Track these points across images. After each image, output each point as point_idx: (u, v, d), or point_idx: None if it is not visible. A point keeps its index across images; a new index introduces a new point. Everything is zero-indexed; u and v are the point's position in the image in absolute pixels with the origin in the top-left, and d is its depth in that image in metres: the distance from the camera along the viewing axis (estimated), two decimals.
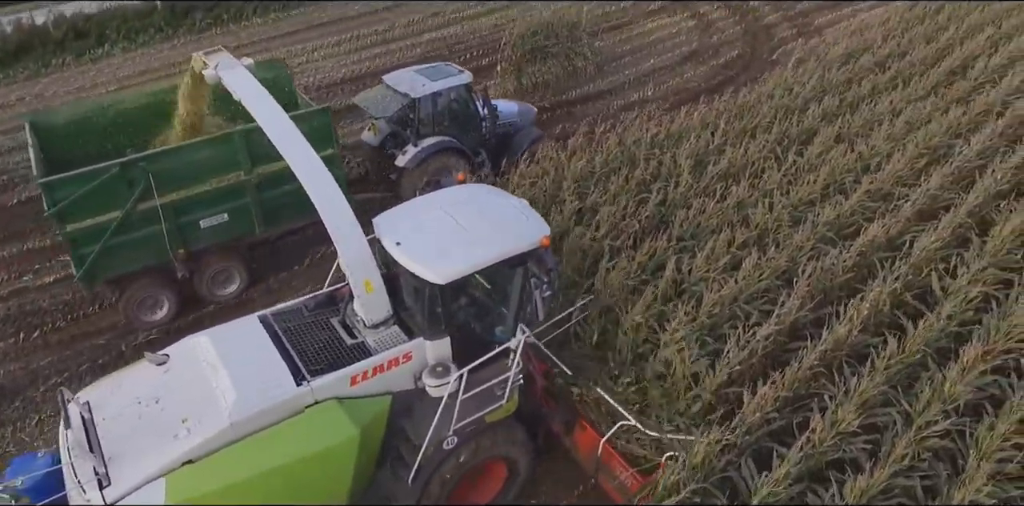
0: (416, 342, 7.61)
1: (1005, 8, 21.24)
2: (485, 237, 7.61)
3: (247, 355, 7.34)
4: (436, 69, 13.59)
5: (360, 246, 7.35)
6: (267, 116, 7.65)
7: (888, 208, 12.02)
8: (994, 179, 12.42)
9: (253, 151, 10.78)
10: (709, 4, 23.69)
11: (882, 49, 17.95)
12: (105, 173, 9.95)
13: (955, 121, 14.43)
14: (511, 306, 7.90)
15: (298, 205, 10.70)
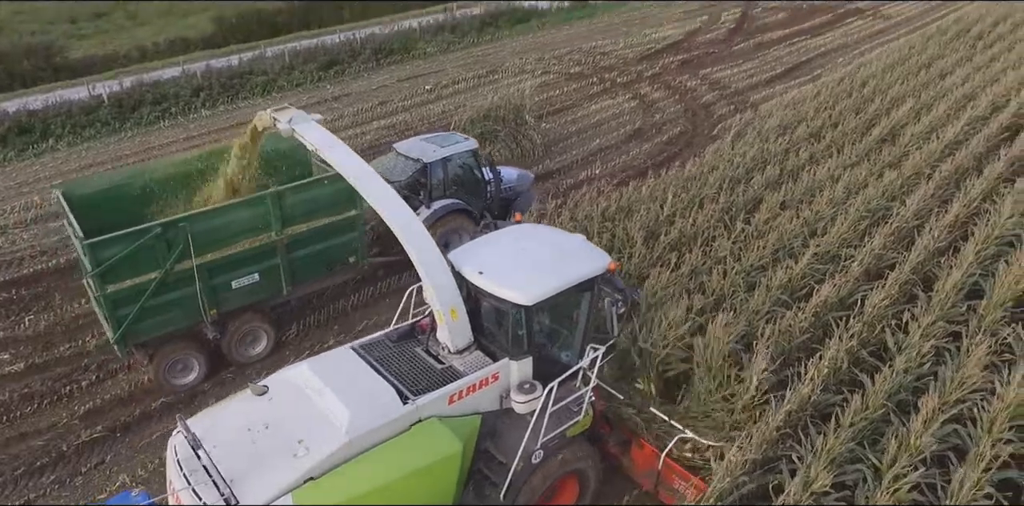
0: (501, 363, 8.19)
1: (922, 82, 22.66)
2: (559, 264, 8.29)
3: (350, 379, 7.80)
4: (443, 137, 14.33)
5: (447, 277, 7.98)
6: (345, 162, 8.25)
7: (837, 269, 12.31)
8: (932, 237, 12.88)
9: (284, 212, 11.20)
10: (649, 85, 24.83)
11: (815, 120, 18.88)
12: (148, 233, 10.16)
13: (890, 184, 15.06)
14: (579, 329, 8.57)
15: (323, 265, 12.01)
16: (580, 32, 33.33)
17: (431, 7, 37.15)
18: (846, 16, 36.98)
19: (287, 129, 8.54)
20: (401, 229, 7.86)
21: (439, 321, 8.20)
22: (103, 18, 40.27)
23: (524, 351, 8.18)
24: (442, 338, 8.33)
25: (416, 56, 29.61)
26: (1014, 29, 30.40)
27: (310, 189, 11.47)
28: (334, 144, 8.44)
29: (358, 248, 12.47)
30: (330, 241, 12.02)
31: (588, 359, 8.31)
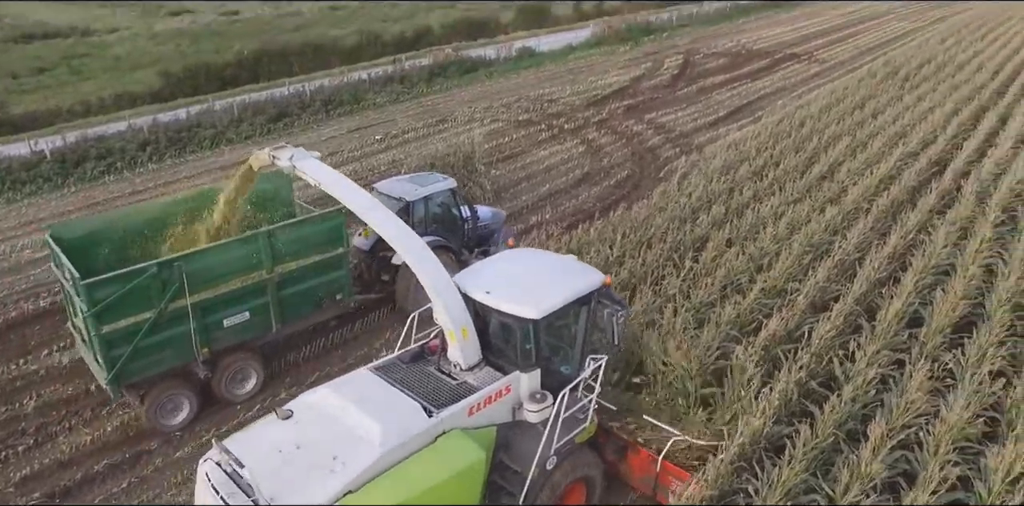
0: (512, 376, 8.64)
1: (857, 121, 23.57)
2: (559, 281, 8.91)
3: (374, 397, 8.18)
4: (422, 177, 14.83)
5: (457, 298, 8.48)
6: (348, 194, 8.82)
7: (783, 303, 12.55)
8: (873, 268, 13.24)
9: (275, 250, 11.53)
10: (596, 130, 25.35)
11: (757, 160, 19.45)
12: (144, 273, 10.30)
13: (831, 219, 15.52)
14: (579, 343, 9.03)
15: (312, 302, 12.31)
16: (528, 81, 34.04)
17: (380, 59, 37.70)
18: (783, 60, 38.43)
19: (288, 166, 8.98)
20: (412, 256, 8.51)
21: (450, 340, 8.65)
22: (45, 73, 39.79)
23: (533, 363, 8.69)
24: (453, 357, 8.77)
25: (366, 107, 29.88)
26: (937, 71, 31.97)
27: (300, 228, 11.90)
28: (338, 179, 8.94)
29: (344, 285, 12.77)
30: (318, 278, 12.30)
31: (590, 370, 8.77)
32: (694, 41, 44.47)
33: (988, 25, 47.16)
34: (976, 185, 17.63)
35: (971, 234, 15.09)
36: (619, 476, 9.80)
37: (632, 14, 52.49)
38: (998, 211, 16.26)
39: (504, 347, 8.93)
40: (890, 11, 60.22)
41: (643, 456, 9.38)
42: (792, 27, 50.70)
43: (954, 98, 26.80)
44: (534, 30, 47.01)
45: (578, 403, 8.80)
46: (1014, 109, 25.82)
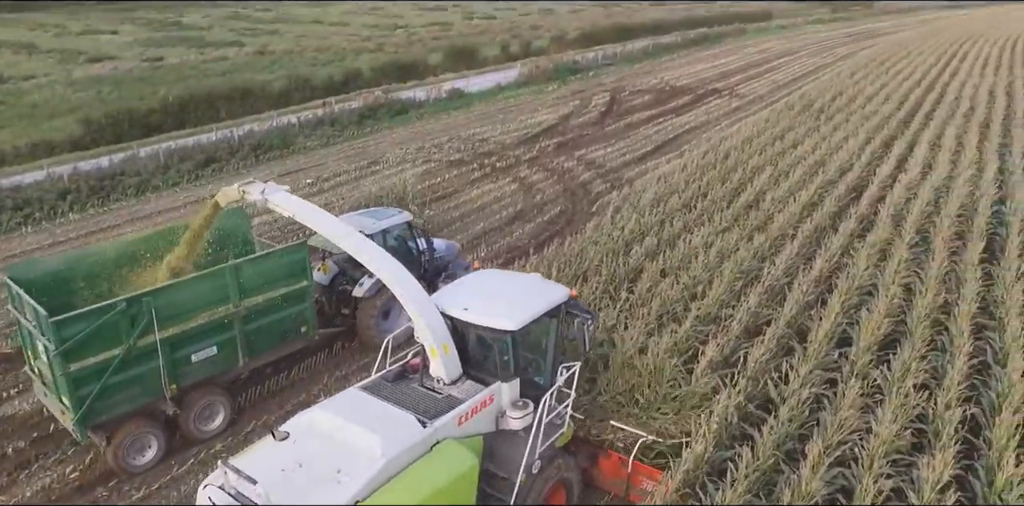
0: (494, 386, 9.09)
1: (778, 152, 24.48)
2: (530, 295, 9.50)
3: (368, 413, 8.50)
4: (378, 211, 15.18)
5: (437, 316, 8.93)
6: (323, 223, 9.38)
7: (719, 329, 12.78)
8: (801, 292, 13.64)
9: (242, 284, 11.62)
10: (528, 168, 25.68)
11: (686, 192, 19.95)
12: (113, 309, 10.24)
13: (759, 246, 16.00)
14: (551, 353, 9.60)
15: (277, 336, 12.42)
16: (458, 121, 34.39)
17: (310, 103, 37.58)
18: (705, 96, 39.86)
19: (261, 200, 9.36)
20: (391, 278, 9.02)
21: (433, 357, 9.00)
22: None
23: (512, 373, 9.17)
24: (436, 373, 9.13)
25: (296, 151, 29.64)
26: (848, 103, 33.59)
27: (264, 261, 12.10)
28: (312, 209, 9.53)
29: (309, 318, 12.93)
30: (283, 312, 12.44)
31: (563, 378, 9.27)
32: (620, 79, 45.79)
33: (891, 60, 49.94)
34: (891, 209, 18.45)
35: (889, 255, 15.75)
36: (592, 481, 10.15)
37: (559, 54, 53.79)
38: (912, 233, 17.04)
39: (483, 360, 9.41)
40: (802, 48, 63.29)
41: (614, 459, 9.86)
42: (712, 64, 52.75)
43: (866, 128, 28.16)
44: (463, 71, 47.66)
45: (555, 409, 9.23)
46: (919, 136, 27.28)
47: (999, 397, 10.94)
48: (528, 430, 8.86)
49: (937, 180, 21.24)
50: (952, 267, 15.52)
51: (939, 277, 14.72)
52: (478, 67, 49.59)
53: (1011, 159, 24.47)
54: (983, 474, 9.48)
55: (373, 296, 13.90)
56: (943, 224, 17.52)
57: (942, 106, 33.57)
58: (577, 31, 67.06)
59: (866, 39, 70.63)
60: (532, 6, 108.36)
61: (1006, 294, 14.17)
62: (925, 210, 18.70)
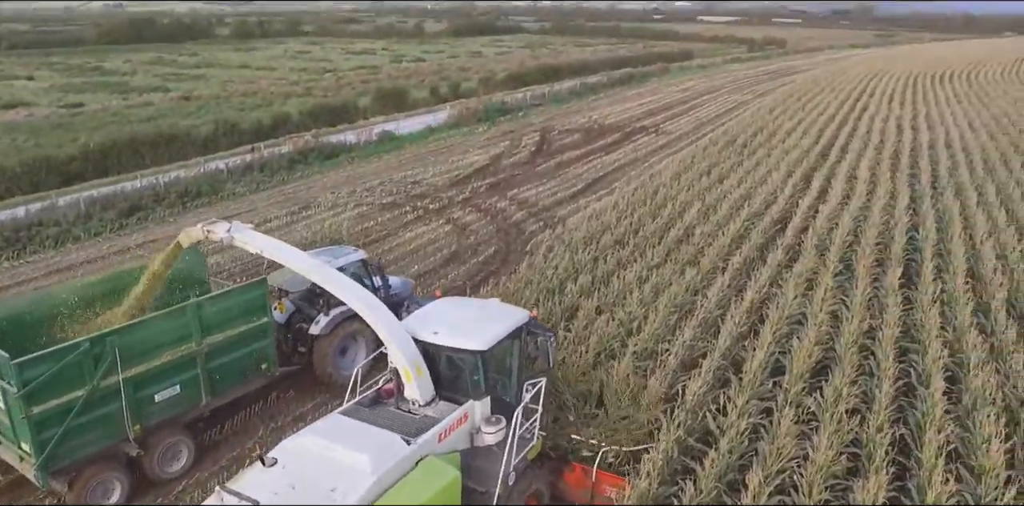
0: (467, 405, 9.63)
1: (705, 187, 25.18)
2: (494, 318, 10.23)
3: (354, 434, 8.88)
4: (333, 249, 15.48)
5: (409, 341, 9.46)
6: (292, 257, 9.97)
7: (656, 364, 12.90)
8: (734, 323, 13.91)
9: (203, 322, 11.74)
10: (461, 209, 25.77)
11: (618, 228, 20.29)
12: (76, 349, 10.22)
13: (691, 280, 16.31)
14: (516, 372, 10.24)
15: (239, 373, 12.49)
16: (390, 164, 34.38)
17: (238, 148, 37.08)
18: (633, 134, 40.88)
19: (227, 238, 9.79)
20: (362, 306, 9.58)
21: (407, 380, 9.47)
22: None
23: (483, 392, 9.74)
24: (411, 395, 9.60)
25: (225, 197, 29.09)
26: (769, 138, 34.91)
27: (225, 299, 12.22)
28: (279, 245, 10.12)
29: (269, 355, 13.08)
30: (244, 349, 12.56)
31: (530, 394, 9.90)
32: (549, 119, 46.65)
33: (806, 96, 52.24)
34: (814, 239, 19.11)
35: (816, 284, 16.24)
36: (558, 494, 10.57)
37: (488, 96, 54.57)
38: (836, 261, 17.65)
39: (455, 381, 9.95)
40: (723, 86, 65.69)
41: (578, 471, 10.37)
42: (638, 103, 54.26)
43: (787, 161, 29.26)
44: (393, 114, 47.83)
45: (524, 424, 9.79)
46: (836, 169, 28.48)
47: (924, 417, 11.31)
48: (502, 445, 9.38)
49: (855, 210, 22.15)
50: (874, 293, 16.11)
51: (863, 303, 15.25)
52: (408, 110, 49.86)
53: (920, 188, 25.70)
54: (915, 494, 9.73)
55: (329, 334, 14.06)
56: (864, 252, 18.22)
57: (855, 139, 35.18)
58: (505, 72, 68.27)
59: (782, 77, 73.81)
60: (460, 49, 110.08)
61: (924, 317, 14.74)
62: (846, 239, 19.43)
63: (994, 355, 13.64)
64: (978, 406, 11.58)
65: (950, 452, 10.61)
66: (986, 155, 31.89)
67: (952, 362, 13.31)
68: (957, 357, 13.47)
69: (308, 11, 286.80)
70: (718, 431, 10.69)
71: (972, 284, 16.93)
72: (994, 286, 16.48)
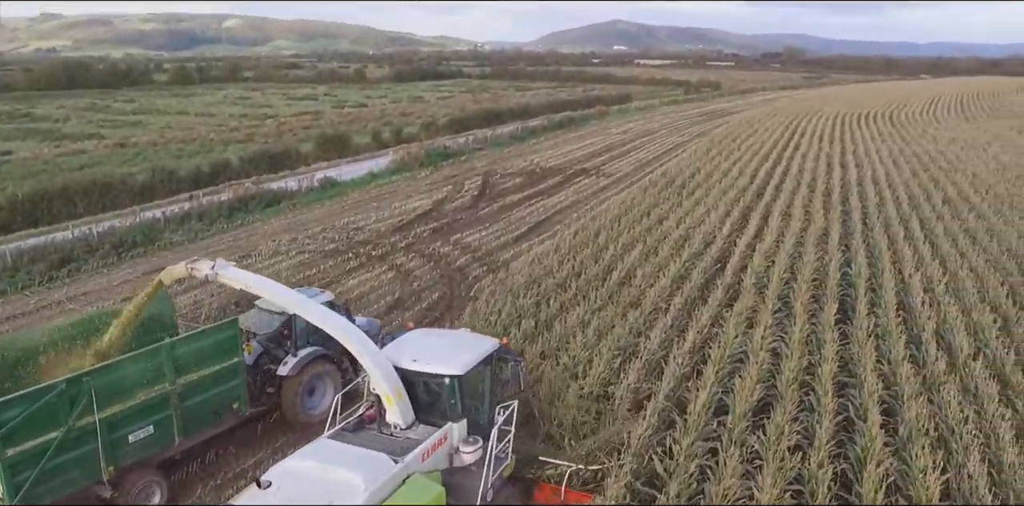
0: (446, 427, 10.30)
1: (645, 228, 25.59)
2: (467, 346, 10.97)
3: (344, 455, 9.40)
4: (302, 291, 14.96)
5: (390, 368, 10.09)
6: (275, 292, 10.63)
7: (603, 407, 12.90)
8: (677, 364, 14.03)
9: (177, 362, 11.89)
10: (404, 255, 25.65)
11: (560, 272, 20.40)
12: (52, 390, 10.29)
13: (634, 322, 16.42)
14: (487, 396, 10.93)
15: (211, 413, 12.64)
16: (332, 210, 34.15)
17: (176, 196, 36.41)
18: (574, 176, 41.47)
19: (213, 275, 10.24)
20: (347, 337, 10.18)
21: (388, 405, 10.08)
22: None
23: (460, 414, 10.43)
24: (392, 419, 10.22)
25: (162, 247, 28.41)
26: (707, 178, 35.81)
27: (198, 339, 12.38)
28: (262, 280, 10.69)
29: (241, 394, 13.21)
30: (217, 388, 12.69)
31: (502, 417, 10.61)
32: (491, 162, 47.09)
33: (741, 137, 53.95)
34: (753, 277, 19.53)
35: (756, 322, 16.54)
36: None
37: (430, 140, 54.93)
38: (774, 299, 18.03)
39: (433, 405, 10.53)
40: (661, 128, 67.42)
41: (547, 491, 10.87)
42: (578, 145, 55.21)
43: (724, 201, 30.02)
44: (335, 160, 47.70)
45: (499, 445, 10.37)
46: (772, 207, 29.30)
47: (863, 451, 11.51)
48: (479, 463, 10.06)
49: (790, 247, 22.76)
50: (812, 329, 16.46)
51: (801, 340, 15.57)
52: (350, 155, 49.78)
53: (851, 224, 26.59)
54: None
55: (298, 374, 14.23)
56: (800, 289, 18.66)
57: (788, 178, 36.38)
58: (447, 117, 68.91)
59: (718, 118, 76.15)
60: (402, 94, 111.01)
61: (860, 351, 15.11)
62: (783, 276, 19.90)
63: (926, 386, 14.03)
64: (913, 437, 11.87)
65: (889, 485, 10.80)
66: (910, 191, 33.29)
67: (888, 394, 13.65)
68: (892, 389, 13.82)
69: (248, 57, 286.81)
70: (666, 474, 10.68)
71: (904, 316, 17.47)
72: (923, 318, 17.03)
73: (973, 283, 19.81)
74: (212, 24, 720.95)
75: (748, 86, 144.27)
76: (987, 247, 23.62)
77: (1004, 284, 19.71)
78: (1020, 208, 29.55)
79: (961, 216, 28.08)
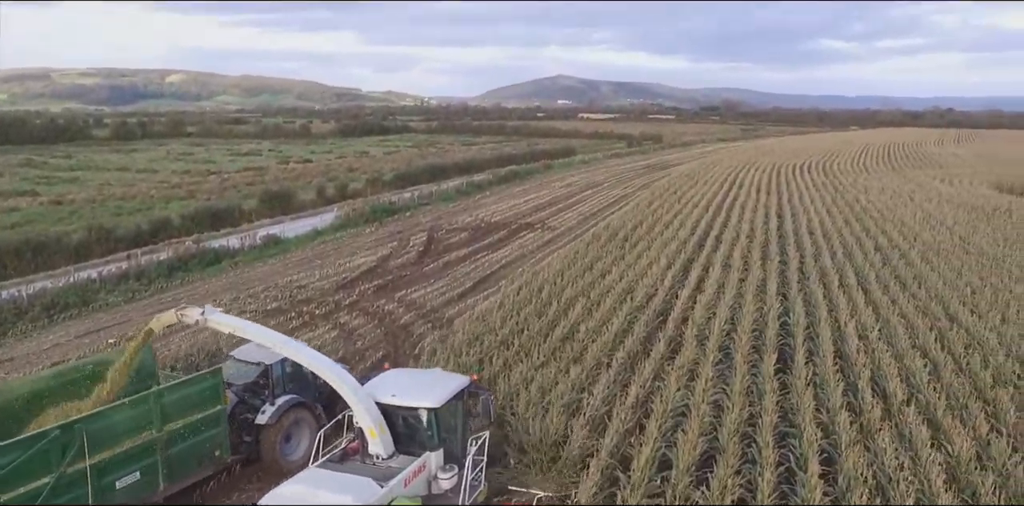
0: (424, 456, 11.29)
1: (588, 282, 25.84)
2: (441, 383, 12.03)
3: (334, 481, 10.32)
4: None
5: (372, 403, 11.11)
6: (261, 335, 11.61)
7: (544, 467, 12.80)
8: (621, 420, 14.03)
9: (164, 410, 12.26)
10: (348, 313, 25.36)
11: (503, 329, 20.38)
12: (46, 437, 10.58)
13: (576, 378, 16.44)
14: (459, 428, 11.93)
15: (194, 460, 12.92)
16: (275, 268, 33.71)
17: (113, 256, 35.58)
18: (519, 230, 41.83)
19: (203, 320, 11.04)
20: (330, 374, 11.20)
21: (371, 437, 11.03)
22: None
23: (437, 444, 11.43)
24: (374, 450, 11.16)
25: (97, 309, 27.66)
26: (649, 230, 36.49)
27: (184, 387, 12.77)
28: (248, 324, 11.84)
29: (223, 441, 13.53)
30: (200, 436, 12.98)
31: (475, 447, 11.79)
32: (437, 218, 47.28)
33: (682, 189, 55.32)
34: (694, 330, 19.80)
35: (697, 375, 16.71)
36: None
37: (375, 196, 55.02)
38: (716, 350, 18.28)
39: (412, 437, 11.44)
40: (605, 180, 68.76)
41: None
42: (524, 199, 55.87)
43: (666, 253, 30.56)
44: (279, 217, 47.37)
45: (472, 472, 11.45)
46: (712, 258, 29.95)
47: (804, 502, 11.59)
48: (456, 490, 11.15)
49: (731, 298, 23.19)
50: (753, 380, 16.69)
51: (742, 391, 15.75)
52: (294, 212, 49.52)
53: (789, 273, 27.28)
54: None
55: (277, 422, 14.58)
56: (741, 340, 18.96)
57: (728, 229, 37.29)
58: (393, 172, 69.29)
59: (660, 170, 78.10)
60: (348, 149, 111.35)
61: (799, 401, 15.36)
62: (724, 327, 20.23)
63: (864, 433, 14.29)
64: (852, 486, 12.03)
65: None
66: (844, 240, 34.41)
67: (828, 443, 13.85)
68: (832, 438, 14.03)
69: (193, 112, 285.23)
70: None
71: (840, 364, 17.85)
72: (859, 365, 17.44)
73: (904, 329, 20.42)
74: (155, 79, 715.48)
75: (689, 138, 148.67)
76: (915, 293, 24.45)
77: (932, 329, 20.37)
78: (944, 255, 30.76)
79: (891, 263, 29.07)
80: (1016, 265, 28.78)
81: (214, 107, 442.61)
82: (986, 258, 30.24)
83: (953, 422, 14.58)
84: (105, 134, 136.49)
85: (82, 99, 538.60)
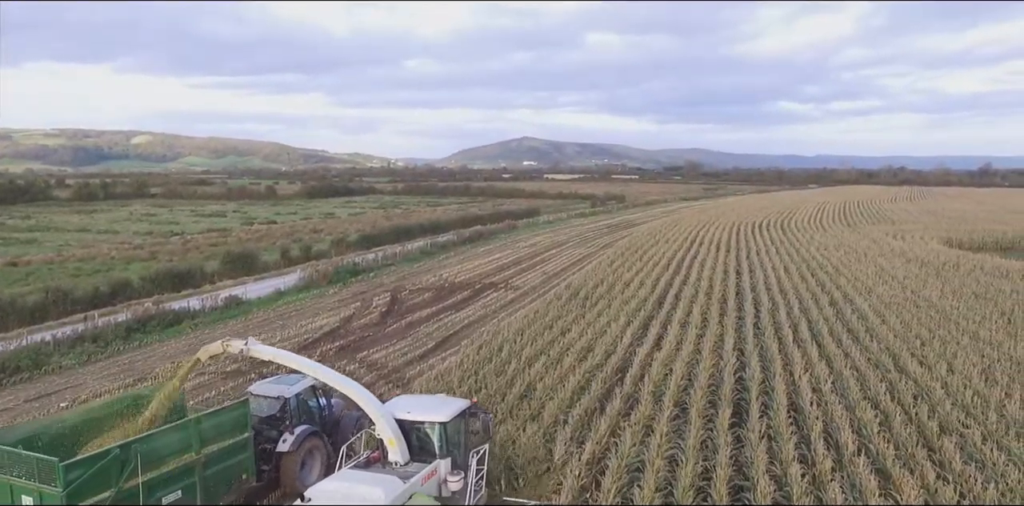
0: (435, 463, 13.32)
1: (548, 341, 26.05)
2: (447, 404, 14.27)
3: (364, 478, 12.36)
4: (286, 378, 17.47)
5: (391, 418, 13.28)
6: (298, 363, 14.04)
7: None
8: (575, 477, 14.13)
9: (202, 435, 13.62)
10: None
11: (461, 388, 20.42)
12: (109, 455, 11.98)
13: (532, 435, 16.50)
14: (462, 442, 13.93)
15: (225, 482, 14.18)
16: (236, 329, 33.33)
17: (69, 317, 35.06)
18: (483, 290, 42.01)
19: (247, 350, 13.34)
20: (356, 394, 13.50)
21: (390, 446, 13.12)
22: None
23: (446, 453, 13.50)
24: (393, 458, 13.18)
25: (49, 372, 27.08)
26: (609, 289, 36.96)
27: (217, 416, 14.14)
28: (286, 353, 14.40)
29: (250, 466, 14.79)
30: (231, 460, 14.27)
31: (475, 458, 13.85)
32: (400, 278, 47.38)
33: (643, 247, 56.22)
34: (651, 386, 20.02)
35: (653, 431, 16.86)
36: None
37: (339, 257, 55.08)
38: (672, 406, 18.49)
39: (424, 447, 13.53)
40: (568, 240, 69.59)
41: None
42: (487, 259, 56.27)
43: (626, 311, 30.96)
44: (241, 278, 47.15)
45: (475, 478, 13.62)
46: (671, 316, 30.40)
47: None
48: (462, 492, 13.21)
49: (688, 354, 23.53)
50: (708, 434, 16.88)
51: (696, 446, 15.93)
52: (258, 273, 49.32)
53: (745, 329, 27.79)
54: None
55: (296, 449, 15.72)
56: (697, 395, 19.22)
57: (687, 286, 37.91)
58: (358, 233, 69.53)
59: (622, 229, 79.39)
60: (313, 210, 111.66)
61: (753, 454, 15.56)
62: (681, 383, 20.49)
63: (816, 485, 14.50)
64: None
65: None
66: (799, 295, 35.19)
67: (781, 495, 14.02)
68: (784, 490, 14.20)
69: (158, 173, 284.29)
70: None
71: (794, 416, 18.15)
72: (812, 418, 17.74)
73: (856, 381, 20.86)
74: (121, 140, 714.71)
75: (652, 198, 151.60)
76: (868, 346, 25.03)
77: (883, 380, 20.84)
78: (896, 308, 31.59)
79: (844, 317, 29.76)
80: (963, 317, 29.65)
81: (180, 168, 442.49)
82: (935, 311, 31.12)
83: (902, 471, 14.87)
84: (67, 195, 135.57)
85: (45, 160, 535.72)
